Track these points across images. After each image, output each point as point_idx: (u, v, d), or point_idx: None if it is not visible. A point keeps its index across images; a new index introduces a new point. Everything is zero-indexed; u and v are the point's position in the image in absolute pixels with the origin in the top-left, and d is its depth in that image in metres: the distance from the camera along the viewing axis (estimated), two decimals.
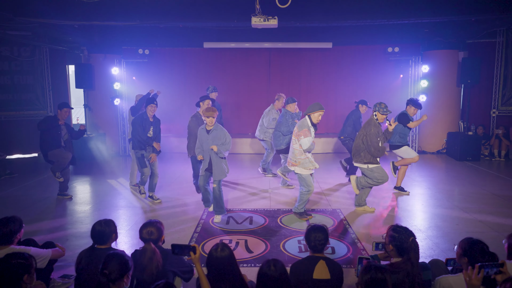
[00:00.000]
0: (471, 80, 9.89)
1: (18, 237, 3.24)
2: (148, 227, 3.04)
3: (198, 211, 5.91)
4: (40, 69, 10.71)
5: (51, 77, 10.87)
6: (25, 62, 10.54)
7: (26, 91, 10.66)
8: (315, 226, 3.02)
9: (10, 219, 3.20)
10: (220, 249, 2.59)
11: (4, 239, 3.13)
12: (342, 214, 5.73)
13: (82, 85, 10.32)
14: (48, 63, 10.78)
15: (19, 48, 10.44)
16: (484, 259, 2.57)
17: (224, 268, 2.57)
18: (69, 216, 5.80)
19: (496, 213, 5.68)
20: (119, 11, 7.96)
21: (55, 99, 11.04)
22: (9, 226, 3.14)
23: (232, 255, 2.63)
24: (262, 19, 6.20)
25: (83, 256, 3.00)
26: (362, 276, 2.30)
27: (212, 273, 2.61)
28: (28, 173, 8.70)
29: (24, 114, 10.67)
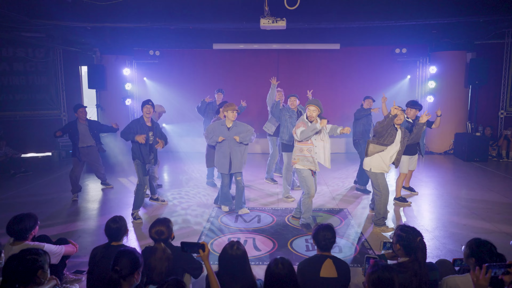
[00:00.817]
0: (479, 81, 9.78)
1: (32, 234, 3.28)
2: (157, 226, 3.05)
3: (207, 209, 5.93)
4: (54, 70, 10.84)
5: (64, 77, 11.01)
6: (40, 63, 10.68)
7: (40, 91, 10.80)
8: (323, 225, 3.02)
9: (26, 216, 3.24)
10: (236, 247, 2.61)
11: (19, 235, 3.17)
12: (349, 213, 5.71)
13: (94, 85, 10.42)
14: (62, 64, 10.92)
15: (34, 50, 10.58)
16: (491, 260, 2.53)
17: (237, 267, 2.57)
18: (81, 213, 5.85)
19: (504, 214, 5.60)
20: (130, 13, 8.01)
21: (68, 99, 11.18)
22: (24, 223, 3.18)
23: (246, 254, 2.63)
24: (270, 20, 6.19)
25: (98, 252, 3.02)
26: (369, 275, 2.29)
27: (224, 270, 2.62)
28: (42, 171, 8.81)
29: (38, 114, 10.82)
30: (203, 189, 7.09)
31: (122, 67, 10.62)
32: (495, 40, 10.23)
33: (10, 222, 3.18)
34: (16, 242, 3.18)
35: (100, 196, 6.85)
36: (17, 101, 10.58)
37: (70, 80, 11.23)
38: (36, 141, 10.74)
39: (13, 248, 3.08)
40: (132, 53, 10.83)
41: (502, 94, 10.28)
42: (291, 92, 7.22)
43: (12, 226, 3.16)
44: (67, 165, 9.46)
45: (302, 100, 7.78)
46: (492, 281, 2.41)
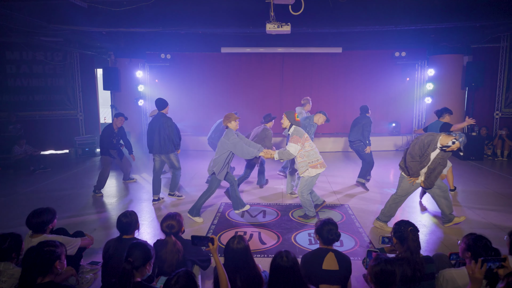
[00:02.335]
0: (475, 83, 9.70)
1: (50, 227, 3.31)
2: (168, 220, 3.07)
3: (215, 204, 5.94)
4: (71, 72, 10.93)
5: (81, 79, 11.09)
6: (58, 66, 10.77)
7: (58, 92, 10.89)
8: (325, 220, 3.02)
9: (44, 210, 3.27)
10: (237, 242, 2.62)
11: (37, 228, 3.21)
12: (350, 209, 5.69)
13: (109, 87, 10.48)
14: (78, 67, 11.00)
15: (52, 53, 10.67)
16: (487, 254, 2.53)
17: (240, 259, 2.59)
18: (97, 207, 5.90)
19: (498, 210, 5.56)
20: (143, 19, 8.04)
21: (85, 100, 11.27)
22: (42, 217, 3.22)
23: (248, 248, 2.64)
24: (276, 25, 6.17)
25: (111, 245, 3.05)
26: (372, 268, 2.29)
27: (229, 263, 2.64)
28: (60, 167, 8.89)
29: (56, 114, 10.91)
30: None
31: (135, 69, 10.66)
32: (491, 44, 10.13)
33: (29, 216, 3.22)
34: (34, 234, 3.22)
35: (115, 192, 6.90)
36: (36, 101, 10.68)
37: (86, 82, 11.31)
38: (54, 139, 10.84)
39: (32, 241, 3.12)
40: (145, 57, 10.88)
41: (497, 95, 10.18)
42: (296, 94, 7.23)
43: (31, 219, 3.20)
44: (84, 162, 9.54)
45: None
46: (487, 274, 2.40)
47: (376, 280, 2.28)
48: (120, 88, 10.65)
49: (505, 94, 10.08)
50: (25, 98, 10.57)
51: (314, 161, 4.97)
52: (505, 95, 10.09)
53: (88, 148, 10.42)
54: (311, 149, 4.99)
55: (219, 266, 2.58)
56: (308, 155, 4.95)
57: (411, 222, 2.85)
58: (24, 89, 10.53)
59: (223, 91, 11.51)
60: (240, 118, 5.69)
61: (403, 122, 11.15)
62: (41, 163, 8.62)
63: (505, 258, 2.40)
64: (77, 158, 10.13)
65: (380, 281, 2.27)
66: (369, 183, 7.18)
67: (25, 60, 10.43)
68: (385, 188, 6.87)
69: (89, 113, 11.45)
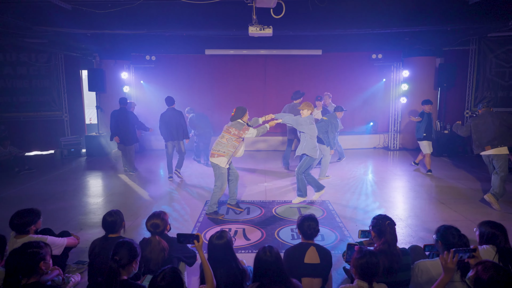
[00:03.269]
0: (447, 84, 9.93)
1: (34, 228, 3.23)
2: (153, 219, 3.02)
3: (200, 202, 5.91)
4: (56, 73, 10.66)
5: (66, 81, 10.83)
6: (42, 67, 10.49)
7: (43, 93, 10.61)
8: (306, 216, 3.04)
9: (27, 211, 3.20)
10: (217, 237, 2.65)
11: (19, 229, 3.13)
12: (331, 205, 5.75)
13: (94, 88, 10.27)
14: (63, 68, 10.74)
15: (37, 55, 10.38)
16: (455, 240, 2.60)
17: (221, 254, 2.59)
18: (82, 207, 5.78)
19: (469, 203, 5.71)
20: (128, 20, 7.92)
21: (70, 101, 11.03)
22: (25, 218, 3.15)
23: (229, 242, 2.64)
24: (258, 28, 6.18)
25: (97, 244, 2.99)
26: (357, 260, 2.32)
27: (212, 258, 2.63)
28: (46, 168, 8.66)
29: (42, 115, 10.64)
30: (196, 184, 7.06)
31: (120, 71, 10.48)
32: (461, 47, 10.40)
33: (12, 217, 3.15)
34: (18, 235, 3.14)
35: (101, 191, 6.77)
36: (21, 103, 10.37)
37: (71, 83, 11.06)
38: (39, 140, 10.56)
39: (17, 241, 3.04)
40: (130, 58, 10.70)
41: (467, 95, 10.47)
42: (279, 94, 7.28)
43: (14, 220, 3.13)
44: (69, 163, 9.33)
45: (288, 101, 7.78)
46: (458, 264, 2.46)
47: (361, 272, 2.31)
48: (106, 89, 10.45)
49: (474, 94, 10.38)
50: (9, 99, 10.26)
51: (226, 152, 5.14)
52: (474, 95, 10.38)
53: (74, 148, 10.19)
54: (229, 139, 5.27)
55: (204, 263, 2.57)
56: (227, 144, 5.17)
57: (388, 216, 2.89)
58: (8, 90, 10.21)
59: (208, 92, 11.44)
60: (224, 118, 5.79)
61: (380, 121, 11.33)
62: (26, 164, 8.38)
63: (475, 249, 2.47)
64: (62, 158, 9.89)
65: (364, 273, 2.30)
66: (349, 179, 7.28)
67: (8, 62, 10.12)
68: (364, 184, 6.97)
69: (74, 114, 11.20)
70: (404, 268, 2.74)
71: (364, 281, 2.31)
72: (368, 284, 2.30)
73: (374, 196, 6.23)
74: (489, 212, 5.32)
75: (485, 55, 10.17)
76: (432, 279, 2.51)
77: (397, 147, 10.77)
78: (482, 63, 10.23)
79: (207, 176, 7.61)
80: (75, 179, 7.62)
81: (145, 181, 7.32)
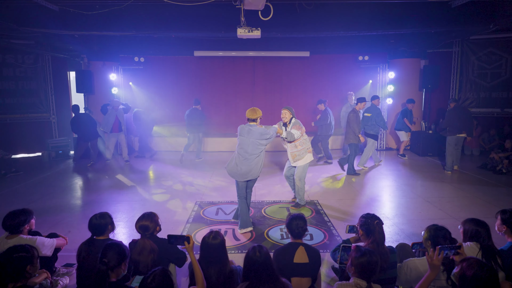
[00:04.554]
0: (431, 85, 10.08)
1: (27, 228, 3.20)
2: (142, 221, 2.98)
3: (190, 203, 5.87)
4: (43, 75, 10.46)
5: (53, 82, 10.64)
6: (29, 68, 10.28)
7: (30, 95, 10.41)
8: (294, 215, 3.05)
9: (20, 211, 3.18)
10: (212, 237, 2.61)
11: (12, 229, 3.10)
12: (319, 204, 5.77)
13: (82, 89, 10.11)
14: (51, 70, 10.54)
15: (23, 56, 10.17)
16: (445, 243, 2.63)
17: (214, 254, 2.57)
18: (71, 210, 5.68)
19: (453, 202, 5.81)
20: (116, 22, 7.83)
21: (57, 103, 10.84)
22: (17, 218, 3.12)
23: (223, 243, 2.63)
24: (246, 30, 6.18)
25: (83, 247, 2.93)
26: (358, 259, 2.33)
27: (204, 258, 2.61)
28: (33, 171, 8.48)
29: (28, 117, 10.42)
30: (186, 184, 7.02)
31: (108, 72, 10.34)
32: (445, 49, 10.58)
33: (4, 218, 3.11)
34: (10, 235, 3.11)
35: (89, 193, 6.67)
36: (7, 104, 10.14)
37: (59, 85, 10.87)
38: (26, 142, 10.34)
39: (8, 242, 3.01)
40: (118, 60, 10.57)
41: (451, 96, 10.65)
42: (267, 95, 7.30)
43: (6, 221, 3.10)
44: (57, 165, 9.17)
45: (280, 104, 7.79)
46: (444, 261, 2.50)
47: (360, 270, 2.32)
48: (94, 91, 10.30)
49: (458, 95, 10.56)
50: None
51: (309, 147, 5.42)
52: (458, 96, 10.57)
53: (62, 150, 10.01)
54: (306, 138, 5.40)
55: (194, 264, 2.55)
56: (306, 142, 5.35)
57: (376, 215, 2.91)
58: None
59: (197, 93, 11.38)
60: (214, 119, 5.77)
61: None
62: (12, 166, 8.20)
63: (460, 246, 2.51)
64: (50, 161, 9.71)
65: (365, 271, 2.32)
66: (337, 179, 7.33)
67: None
68: (351, 184, 7.02)
69: (62, 115, 11.00)
70: (391, 266, 2.77)
71: (363, 279, 2.32)
72: (366, 283, 2.31)
73: (362, 195, 6.29)
74: (473, 210, 5.41)
75: (468, 57, 10.38)
76: (421, 276, 2.54)
77: (383, 147, 10.88)
78: (465, 65, 10.43)
79: (197, 175, 7.58)
80: (63, 181, 7.49)
81: (137, 182, 7.24)
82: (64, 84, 11.12)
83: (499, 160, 7.87)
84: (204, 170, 8.27)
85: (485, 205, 5.64)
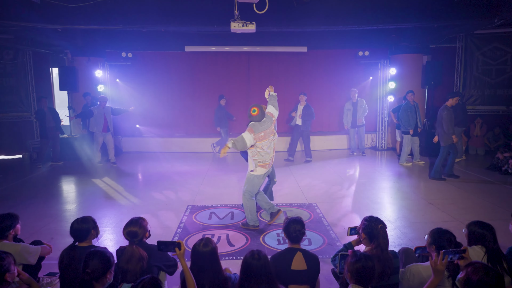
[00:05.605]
0: (434, 82, 10.15)
1: (12, 233, 3.17)
2: (130, 226, 2.93)
3: (181, 207, 5.85)
4: (24, 72, 10.37)
5: (34, 79, 10.55)
6: (8, 64, 10.19)
7: (10, 93, 10.32)
8: (292, 218, 3.05)
9: (4, 216, 3.17)
10: (203, 245, 2.58)
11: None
12: (318, 207, 5.79)
13: (66, 87, 10.04)
14: (32, 66, 10.46)
15: (2, 51, 10.09)
16: (450, 247, 2.64)
17: (206, 262, 2.56)
18: (54, 215, 5.63)
19: (457, 204, 5.85)
20: (102, 15, 7.77)
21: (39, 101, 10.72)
22: (2, 223, 3.09)
23: (215, 250, 2.61)
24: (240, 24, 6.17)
25: (65, 254, 2.89)
26: (353, 264, 2.33)
27: (195, 266, 2.60)
28: (13, 173, 8.40)
29: (8, 116, 10.33)
30: (177, 187, 7.00)
31: (94, 69, 10.27)
32: (448, 44, 10.67)
33: None
34: None
35: (74, 197, 6.62)
36: None
37: (41, 82, 10.78)
38: (5, 143, 10.24)
39: None
40: (104, 55, 10.51)
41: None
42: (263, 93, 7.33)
43: None
44: (39, 167, 9.08)
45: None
46: (448, 266, 2.51)
47: (356, 276, 2.32)
48: (78, 89, 10.22)
49: (462, 93, 10.65)
50: None
51: (263, 161, 4.77)
52: (462, 92, 10.65)
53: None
54: (263, 150, 4.70)
55: (186, 272, 2.54)
56: (260, 155, 4.72)
57: (379, 218, 2.91)
58: None
59: (189, 90, 11.37)
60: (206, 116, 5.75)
61: (367, 121, 11.47)
62: None
63: (465, 250, 2.53)
64: (31, 163, 9.62)
65: (360, 277, 2.32)
66: (334, 181, 7.36)
67: None
68: (352, 185, 7.05)
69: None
70: (395, 271, 2.78)
71: (361, 285, 2.33)
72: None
73: (362, 197, 6.31)
74: (478, 212, 5.46)
75: (472, 53, 10.47)
76: (424, 282, 2.56)
77: (385, 147, 10.94)
78: (469, 61, 10.52)
79: (189, 178, 7.56)
80: (46, 184, 7.43)
81: (124, 185, 7.20)
82: (46, 81, 11.03)
83: (504, 159, 7.95)
84: (197, 172, 8.25)
85: (491, 206, 5.69)
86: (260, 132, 4.61)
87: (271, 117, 4.83)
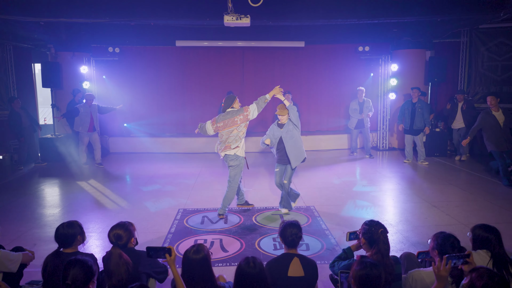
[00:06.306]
0: (438, 79, 10.20)
1: None
2: (116, 229, 2.93)
3: (172, 211, 5.84)
4: (4, 67, 10.27)
5: (15, 76, 10.44)
6: None
7: None
8: (288, 222, 3.06)
9: None
10: (194, 252, 2.56)
11: None
12: (316, 211, 5.80)
13: (49, 84, 9.96)
14: (12, 62, 10.35)
15: None
16: (454, 252, 2.66)
17: (198, 270, 2.55)
18: (37, 220, 5.59)
19: (462, 206, 5.90)
20: (88, 7, 7.72)
21: (20, 99, 10.59)
22: None
23: (206, 257, 2.59)
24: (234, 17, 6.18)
25: (49, 261, 2.87)
26: (357, 272, 2.31)
27: (186, 274, 2.59)
28: None
29: None
30: (168, 190, 6.98)
31: (79, 64, 10.21)
32: (452, 39, 10.72)
33: None
34: None
35: (58, 201, 6.58)
36: None
37: (22, 79, 10.69)
38: None
39: None
40: (90, 50, 10.45)
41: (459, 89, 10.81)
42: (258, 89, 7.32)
43: None
44: (20, 169, 9.01)
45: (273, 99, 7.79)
46: (452, 271, 2.53)
47: (360, 284, 2.32)
48: (62, 86, 10.16)
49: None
50: None
51: None
52: (467, 90, 10.73)
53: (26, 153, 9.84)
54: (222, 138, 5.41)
55: (177, 279, 2.53)
56: None
57: (380, 223, 2.92)
58: None
59: (180, 87, 11.35)
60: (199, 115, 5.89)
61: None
62: None
63: (469, 254, 2.55)
64: (12, 164, 9.54)
65: (365, 285, 2.31)
66: (333, 183, 7.39)
67: None
68: (351, 187, 7.07)
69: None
70: (396, 278, 2.79)
71: None
72: None
73: (363, 200, 6.34)
74: (483, 215, 5.51)
75: (477, 48, 10.54)
76: None
77: (386, 146, 10.99)
78: (473, 57, 10.59)
79: (179, 180, 7.55)
80: (28, 187, 7.38)
81: (112, 187, 7.17)
82: (28, 77, 10.94)
83: None
84: (188, 174, 8.23)
85: (497, 209, 5.74)
86: (219, 122, 5.34)
87: (243, 111, 5.27)
